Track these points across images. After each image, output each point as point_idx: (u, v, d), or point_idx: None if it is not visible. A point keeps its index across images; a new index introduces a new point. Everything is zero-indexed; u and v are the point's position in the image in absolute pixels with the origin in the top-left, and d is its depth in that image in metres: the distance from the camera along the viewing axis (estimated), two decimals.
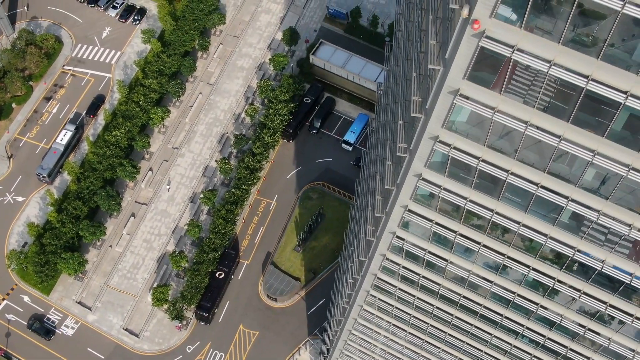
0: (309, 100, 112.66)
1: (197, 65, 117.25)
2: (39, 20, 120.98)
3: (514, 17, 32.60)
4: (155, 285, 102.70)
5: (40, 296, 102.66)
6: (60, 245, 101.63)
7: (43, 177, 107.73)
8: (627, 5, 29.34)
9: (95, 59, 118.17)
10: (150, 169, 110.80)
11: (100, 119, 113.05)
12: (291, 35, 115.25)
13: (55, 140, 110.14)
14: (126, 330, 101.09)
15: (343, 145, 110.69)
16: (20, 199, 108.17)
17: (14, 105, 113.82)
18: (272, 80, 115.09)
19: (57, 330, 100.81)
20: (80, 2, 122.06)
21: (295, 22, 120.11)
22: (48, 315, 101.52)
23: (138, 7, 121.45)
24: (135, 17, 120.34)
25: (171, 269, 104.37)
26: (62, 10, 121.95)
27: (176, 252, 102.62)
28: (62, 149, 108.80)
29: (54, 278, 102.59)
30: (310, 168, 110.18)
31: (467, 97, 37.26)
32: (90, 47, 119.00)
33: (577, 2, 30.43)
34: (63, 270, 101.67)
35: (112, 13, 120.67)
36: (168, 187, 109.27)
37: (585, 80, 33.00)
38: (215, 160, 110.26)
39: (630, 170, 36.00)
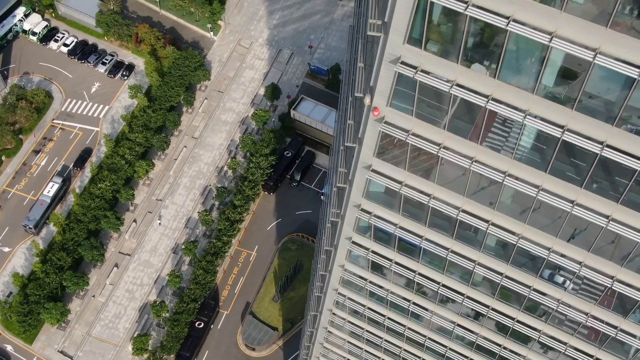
0: (290, 154, 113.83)
1: (182, 119, 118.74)
2: (30, 76, 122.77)
3: (406, 106, 37.02)
4: (136, 334, 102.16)
5: (23, 345, 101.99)
6: (44, 295, 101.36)
7: (30, 228, 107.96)
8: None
9: (84, 113, 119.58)
10: (135, 221, 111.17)
11: (87, 172, 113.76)
12: (273, 91, 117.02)
13: (42, 192, 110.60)
14: None
15: (322, 197, 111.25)
16: (6, 249, 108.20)
17: (3, 157, 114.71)
18: (254, 134, 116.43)
19: None
20: (71, 58, 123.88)
21: (278, 78, 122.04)
22: None
23: (126, 63, 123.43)
24: (124, 73, 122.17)
25: (152, 319, 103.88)
26: (54, 66, 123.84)
27: (157, 302, 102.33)
28: (48, 201, 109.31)
29: (37, 327, 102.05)
30: (290, 220, 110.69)
31: (378, 172, 41.41)
32: (80, 102, 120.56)
33: (452, 98, 35.27)
34: (46, 320, 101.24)
35: (101, 69, 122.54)
36: (159, 221, 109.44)
37: (470, 161, 37.80)
38: (198, 212, 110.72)
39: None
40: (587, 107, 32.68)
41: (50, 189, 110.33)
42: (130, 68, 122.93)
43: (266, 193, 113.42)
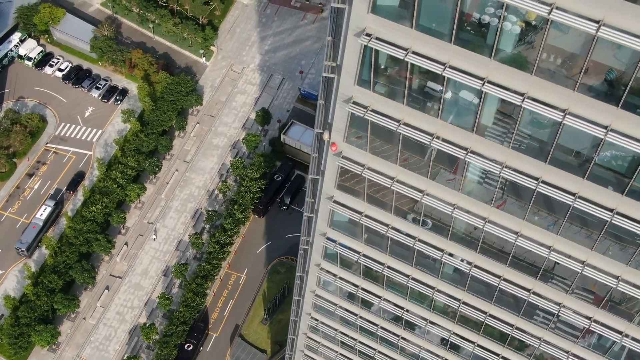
0: (280, 178, 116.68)
1: (174, 143, 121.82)
2: (25, 100, 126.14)
3: (361, 141, 39.97)
4: (125, 356, 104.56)
5: None
6: (35, 318, 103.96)
7: (22, 251, 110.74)
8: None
9: (78, 137, 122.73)
10: (126, 244, 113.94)
11: (80, 195, 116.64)
12: (264, 116, 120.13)
13: (35, 215, 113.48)
14: None
15: None
16: None
17: None
18: (245, 158, 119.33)
19: None
20: (66, 83, 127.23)
21: (270, 103, 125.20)
22: None
23: (120, 87, 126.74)
24: (117, 98, 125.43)
25: (142, 341, 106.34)
26: (48, 90, 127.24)
27: (147, 325, 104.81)
28: (41, 224, 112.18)
29: (27, 350, 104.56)
30: (279, 243, 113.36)
31: (340, 203, 44.27)
32: (73, 126, 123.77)
33: (401, 138, 38.42)
34: (36, 342, 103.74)
35: (95, 93, 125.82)
36: (154, 236, 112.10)
37: (421, 194, 40.83)
38: (189, 235, 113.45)
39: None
40: (522, 145, 35.49)
41: (43, 212, 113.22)
42: (123, 93, 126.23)
43: (256, 216, 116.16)
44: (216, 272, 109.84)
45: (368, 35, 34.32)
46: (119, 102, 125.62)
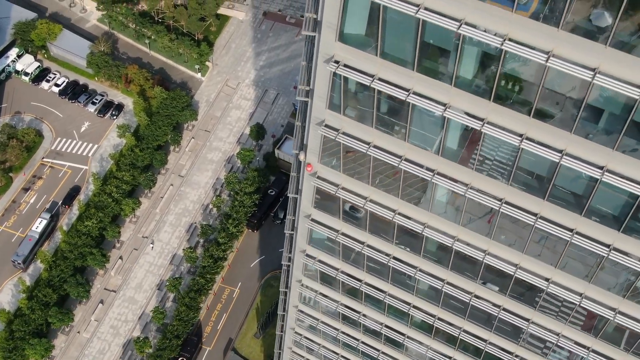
0: (274, 192, 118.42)
1: (169, 158, 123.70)
2: (22, 115, 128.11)
3: (335, 163, 42.00)
4: None
5: None
6: (29, 331, 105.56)
7: (18, 263, 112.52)
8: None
9: (74, 151, 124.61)
10: (121, 257, 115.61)
11: (75, 209, 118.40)
12: (258, 131, 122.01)
13: (30, 228, 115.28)
14: None
15: None
16: None
17: None
18: (239, 173, 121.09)
19: None
20: (62, 98, 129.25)
21: (264, 118, 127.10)
22: None
23: (116, 103, 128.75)
24: (113, 113, 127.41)
25: (136, 355, 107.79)
26: (45, 105, 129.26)
27: (140, 338, 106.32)
28: (37, 237, 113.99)
29: None
30: (273, 257, 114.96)
31: (317, 222, 45.76)
32: (69, 141, 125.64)
33: (372, 163, 40.14)
34: (30, 356, 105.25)
35: (91, 108, 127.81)
36: (152, 245, 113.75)
37: (393, 213, 42.68)
38: (183, 249, 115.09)
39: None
40: (486, 168, 37.19)
41: (39, 225, 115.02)
42: (119, 108, 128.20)
43: (250, 230, 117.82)
44: (210, 286, 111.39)
45: (336, 62, 36.11)
46: (114, 117, 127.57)
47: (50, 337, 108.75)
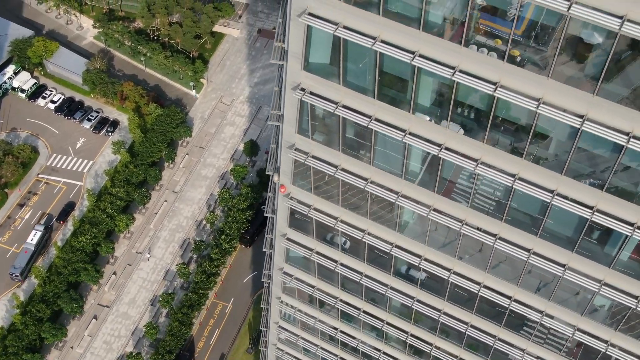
0: None
1: (163, 174, 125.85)
2: (18, 132, 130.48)
3: (306, 184, 43.96)
4: None
5: None
6: (22, 347, 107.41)
7: (16, 275, 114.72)
8: None
9: (69, 168, 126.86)
10: (114, 273, 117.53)
11: (70, 225, 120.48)
12: (251, 147, 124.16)
13: (26, 240, 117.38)
14: None
15: None
16: None
17: None
18: (232, 189, 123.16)
19: None
20: (58, 115, 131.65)
21: (258, 134, 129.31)
22: None
23: (111, 119, 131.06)
24: (108, 129, 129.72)
25: None
26: (41, 122, 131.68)
27: (133, 354, 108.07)
28: (32, 249, 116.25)
29: None
30: None
31: (292, 240, 48.26)
32: (65, 157, 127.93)
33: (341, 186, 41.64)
34: None
35: (86, 125, 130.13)
36: (149, 255, 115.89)
37: (362, 233, 44.64)
38: (176, 265, 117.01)
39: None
40: (448, 188, 39.19)
41: (34, 237, 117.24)
42: (114, 124, 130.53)
43: (243, 246, 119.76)
44: (202, 302, 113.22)
45: (303, 89, 38.20)
46: (110, 134, 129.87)
47: (44, 353, 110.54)
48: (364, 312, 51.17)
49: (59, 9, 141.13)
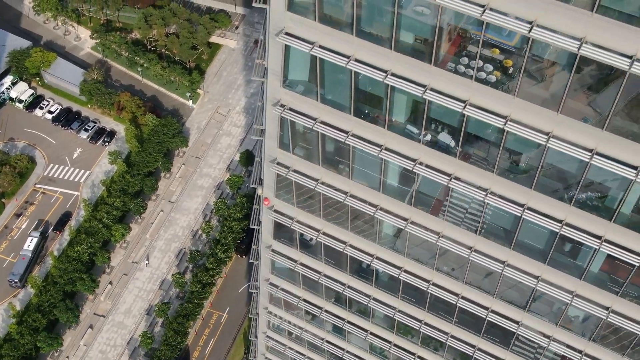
0: None
1: (159, 184, 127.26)
2: (15, 142, 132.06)
3: (289, 197, 44.96)
4: None
5: None
6: (18, 357, 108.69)
7: (15, 282, 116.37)
8: None
9: (66, 177, 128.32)
10: (110, 282, 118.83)
11: (66, 235, 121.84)
12: (247, 158, 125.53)
13: (23, 247, 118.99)
14: None
15: None
16: None
17: None
18: (228, 199, 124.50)
19: None
20: (55, 125, 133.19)
21: (254, 145, 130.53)
22: None
23: (108, 129, 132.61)
24: (105, 139, 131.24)
25: None
26: (38, 132, 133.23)
27: None
28: (30, 254, 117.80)
29: None
30: None
31: (277, 252, 49.93)
32: (62, 167, 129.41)
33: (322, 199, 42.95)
34: None
35: (83, 135, 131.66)
36: (147, 262, 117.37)
37: (343, 246, 45.66)
38: (172, 274, 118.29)
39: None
40: (423, 202, 40.47)
41: (30, 243, 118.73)
42: (111, 134, 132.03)
43: (238, 256, 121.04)
44: (198, 311, 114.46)
45: (282, 105, 39.55)
46: (106, 144, 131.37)
47: None
48: (349, 322, 52.40)
49: (56, 20, 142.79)
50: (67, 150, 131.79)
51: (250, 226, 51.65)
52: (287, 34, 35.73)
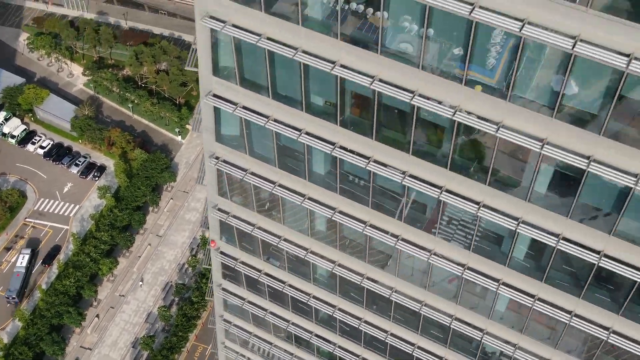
0: None
1: (147, 218, 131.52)
2: (7, 176, 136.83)
3: (233, 240, 48.97)
4: None
5: None
6: None
7: (12, 298, 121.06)
8: None
9: (56, 212, 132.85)
10: (97, 316, 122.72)
11: (55, 269, 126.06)
12: None
13: (15, 264, 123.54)
14: None
15: None
16: None
17: None
18: None
19: None
20: (47, 160, 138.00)
21: None
22: None
23: (98, 164, 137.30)
24: (95, 174, 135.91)
25: None
26: (29, 167, 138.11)
27: None
28: (23, 271, 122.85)
29: None
30: None
31: (227, 291, 54.13)
32: (52, 201, 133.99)
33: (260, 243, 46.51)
34: None
35: (74, 170, 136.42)
36: (141, 283, 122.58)
37: (282, 285, 49.15)
38: (158, 308, 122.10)
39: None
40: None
41: (22, 260, 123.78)
42: (101, 169, 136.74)
43: None
44: (183, 344, 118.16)
45: (217, 157, 43.73)
46: (96, 178, 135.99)
47: None
48: (296, 357, 56.12)
49: (50, 57, 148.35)
50: (58, 185, 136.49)
51: (204, 266, 55.58)
52: (214, 95, 39.97)
